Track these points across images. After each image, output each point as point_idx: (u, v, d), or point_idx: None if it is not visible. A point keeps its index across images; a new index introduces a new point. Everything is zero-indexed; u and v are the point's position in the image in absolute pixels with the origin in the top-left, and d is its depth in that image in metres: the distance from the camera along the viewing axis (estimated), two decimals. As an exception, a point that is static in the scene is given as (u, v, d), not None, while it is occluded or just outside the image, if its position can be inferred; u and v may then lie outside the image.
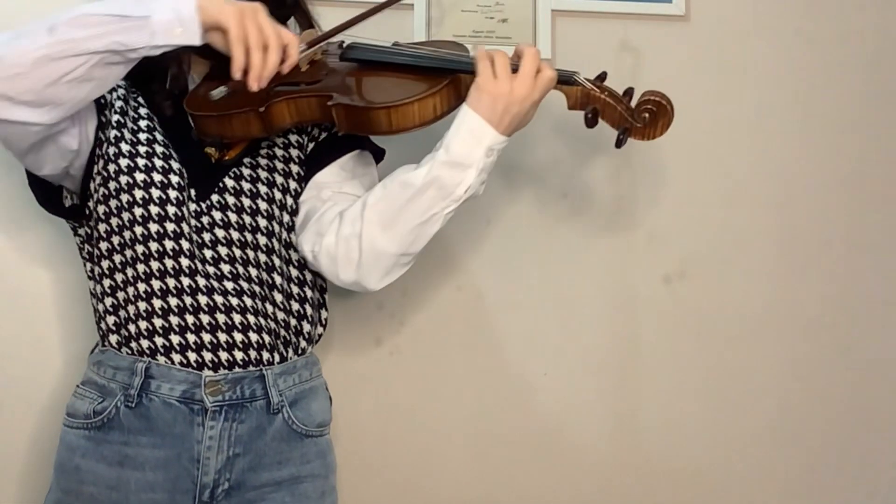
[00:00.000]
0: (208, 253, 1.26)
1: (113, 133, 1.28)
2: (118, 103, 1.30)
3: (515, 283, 1.67)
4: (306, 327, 1.34)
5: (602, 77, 1.29)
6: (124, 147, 1.27)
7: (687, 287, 1.70)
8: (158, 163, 1.27)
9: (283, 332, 1.30)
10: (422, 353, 1.65)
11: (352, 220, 1.27)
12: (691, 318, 1.70)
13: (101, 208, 1.26)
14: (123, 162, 1.26)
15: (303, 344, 1.33)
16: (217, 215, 1.28)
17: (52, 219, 1.37)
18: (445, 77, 1.26)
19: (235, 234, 1.28)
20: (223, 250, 1.27)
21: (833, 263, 1.74)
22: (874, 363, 1.75)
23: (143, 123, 1.30)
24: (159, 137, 1.30)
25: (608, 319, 1.69)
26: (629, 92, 1.29)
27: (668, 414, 1.70)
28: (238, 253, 1.28)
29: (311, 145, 1.37)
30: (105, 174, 1.26)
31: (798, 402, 1.74)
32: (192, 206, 1.27)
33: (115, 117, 1.29)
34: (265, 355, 1.27)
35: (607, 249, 1.69)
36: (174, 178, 1.27)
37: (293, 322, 1.32)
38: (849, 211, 1.74)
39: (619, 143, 1.28)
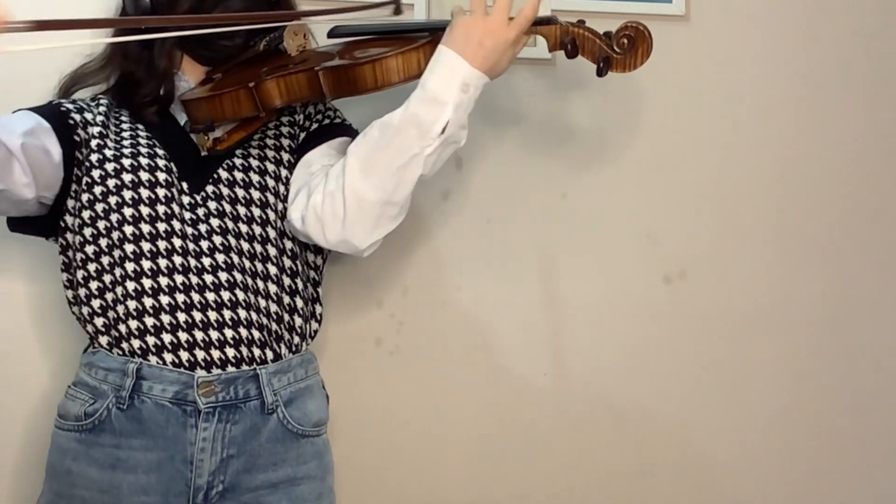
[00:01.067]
0: (204, 244, 1.26)
1: (95, 142, 1.28)
2: (99, 118, 1.31)
3: (515, 283, 1.66)
4: (298, 321, 1.33)
5: (581, 22, 1.30)
6: (108, 152, 1.28)
7: (687, 287, 1.70)
8: (144, 161, 1.27)
9: (274, 327, 1.30)
10: (422, 353, 1.65)
11: (336, 175, 1.26)
12: (691, 318, 1.70)
13: (86, 213, 1.26)
14: (109, 166, 1.27)
15: (296, 340, 1.33)
16: (212, 205, 1.28)
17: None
18: (427, 35, 1.27)
19: (230, 224, 1.28)
20: (218, 240, 1.27)
21: (833, 263, 1.74)
22: (874, 362, 1.75)
23: (126, 132, 1.31)
24: (143, 137, 1.31)
25: (608, 319, 1.69)
26: (608, 34, 1.29)
27: (669, 413, 1.70)
28: (233, 243, 1.28)
29: (302, 135, 1.37)
30: (89, 180, 1.26)
31: (798, 401, 1.73)
32: (186, 199, 1.28)
33: (96, 129, 1.30)
34: (257, 352, 1.26)
35: (607, 249, 1.68)
36: (161, 176, 1.27)
37: (285, 316, 1.32)
38: (849, 210, 1.74)
39: (600, 73, 1.27)
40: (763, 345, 1.72)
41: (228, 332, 1.25)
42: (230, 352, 1.25)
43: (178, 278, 1.24)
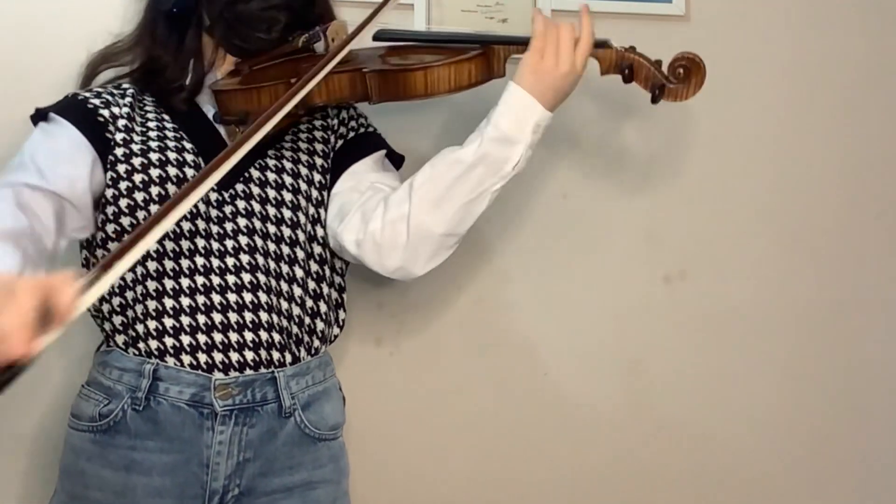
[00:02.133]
0: (229, 243, 1.25)
1: (120, 136, 1.26)
2: (125, 109, 1.28)
3: (515, 283, 1.66)
4: (320, 326, 1.32)
5: (633, 48, 1.31)
6: (135, 147, 1.25)
7: (687, 287, 1.70)
8: (172, 155, 1.25)
9: (295, 330, 1.28)
10: (422, 353, 1.65)
11: (398, 203, 1.26)
12: (691, 318, 1.70)
13: (110, 209, 1.24)
14: (136, 161, 1.24)
15: (316, 343, 1.32)
16: (241, 204, 1.26)
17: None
18: (478, 47, 1.27)
19: (259, 225, 1.26)
20: (244, 240, 1.25)
21: (832, 263, 1.74)
22: (873, 362, 1.76)
23: (152, 123, 1.29)
24: (169, 129, 1.29)
25: (608, 319, 1.69)
26: (658, 62, 1.30)
27: (668, 414, 1.70)
28: (259, 243, 1.26)
29: (339, 143, 1.36)
30: (114, 175, 1.24)
31: (798, 400, 1.74)
32: (214, 196, 1.26)
33: (122, 122, 1.27)
34: (276, 355, 1.25)
35: (607, 249, 1.68)
36: (189, 171, 1.25)
37: (307, 320, 1.30)
38: (848, 211, 1.74)
39: (654, 100, 1.29)
40: (763, 345, 1.72)
41: (248, 335, 1.23)
42: (249, 355, 1.23)
43: (200, 279, 1.23)
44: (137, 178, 1.23)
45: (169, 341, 1.22)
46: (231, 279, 1.24)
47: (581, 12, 1.28)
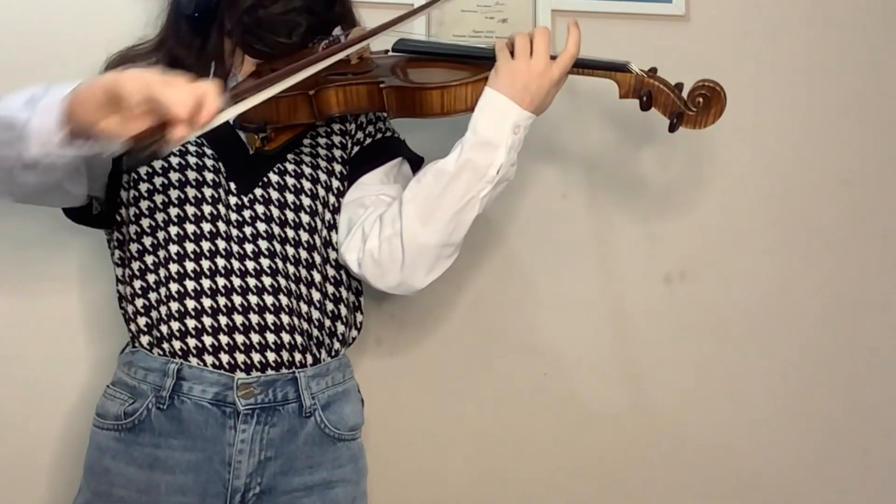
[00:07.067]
0: (249, 247, 1.25)
1: None
2: None
3: (515, 283, 1.67)
4: (340, 328, 1.33)
5: (654, 70, 1.30)
6: None
7: (687, 287, 1.70)
8: (192, 160, 1.26)
9: (315, 333, 1.30)
10: (422, 353, 1.65)
11: (391, 220, 1.27)
12: (691, 318, 1.70)
13: (132, 210, 1.26)
14: (157, 164, 1.25)
15: (336, 346, 1.33)
16: (260, 209, 1.27)
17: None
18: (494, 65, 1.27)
19: (277, 229, 1.27)
20: (264, 244, 1.26)
21: (833, 263, 1.74)
22: (874, 363, 1.76)
23: None
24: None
25: (608, 319, 1.69)
26: (679, 85, 1.29)
27: (668, 413, 1.70)
28: (279, 248, 1.27)
29: (355, 149, 1.37)
30: (136, 176, 1.26)
31: (798, 400, 1.74)
32: (233, 200, 1.27)
33: None
34: (297, 357, 1.26)
35: (607, 249, 1.69)
36: (209, 176, 1.26)
37: (327, 323, 1.31)
38: (848, 210, 1.75)
39: (672, 128, 1.28)
40: (763, 344, 1.72)
41: (270, 337, 1.24)
42: (271, 356, 1.25)
43: (221, 281, 1.24)
44: (158, 181, 1.25)
45: (192, 342, 1.23)
46: (252, 282, 1.25)
47: (569, 25, 1.27)
